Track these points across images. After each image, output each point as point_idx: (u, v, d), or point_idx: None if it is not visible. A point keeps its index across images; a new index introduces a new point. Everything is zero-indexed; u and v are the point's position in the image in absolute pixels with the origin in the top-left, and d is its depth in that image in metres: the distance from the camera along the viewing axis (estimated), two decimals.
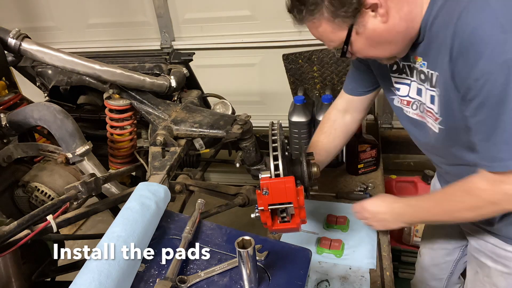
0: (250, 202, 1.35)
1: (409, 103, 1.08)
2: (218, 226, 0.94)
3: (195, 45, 2.45)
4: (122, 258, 0.79)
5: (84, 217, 1.19)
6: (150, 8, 2.49)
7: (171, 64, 1.62)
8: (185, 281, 0.80)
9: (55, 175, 1.42)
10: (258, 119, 1.62)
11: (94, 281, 0.74)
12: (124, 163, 1.53)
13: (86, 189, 1.11)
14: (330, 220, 1.48)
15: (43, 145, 1.42)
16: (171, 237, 0.91)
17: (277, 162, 1.05)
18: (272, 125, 1.18)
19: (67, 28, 2.72)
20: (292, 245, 0.88)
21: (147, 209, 0.91)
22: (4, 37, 1.30)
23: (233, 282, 0.80)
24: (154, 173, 1.22)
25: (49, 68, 1.64)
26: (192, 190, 1.45)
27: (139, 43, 2.56)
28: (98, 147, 1.47)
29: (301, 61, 2.01)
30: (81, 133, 1.34)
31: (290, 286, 0.78)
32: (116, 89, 1.44)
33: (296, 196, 1.04)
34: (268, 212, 1.07)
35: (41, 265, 1.33)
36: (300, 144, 1.81)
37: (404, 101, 1.09)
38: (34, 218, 1.03)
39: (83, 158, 1.33)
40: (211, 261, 0.85)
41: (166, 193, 1.01)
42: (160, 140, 1.28)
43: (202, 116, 1.38)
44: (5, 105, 1.52)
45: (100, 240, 0.84)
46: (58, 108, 1.32)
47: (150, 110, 1.44)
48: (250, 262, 0.74)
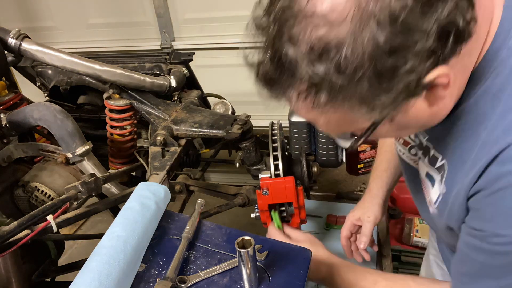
0: (250, 202, 1.35)
1: (407, 144, 0.88)
2: (218, 226, 0.93)
3: (195, 45, 2.45)
4: (122, 258, 0.79)
5: (84, 217, 1.19)
6: (150, 8, 2.48)
7: (171, 64, 1.62)
8: (185, 281, 0.80)
9: (55, 175, 1.42)
10: (258, 119, 1.61)
11: (94, 281, 0.74)
12: (124, 163, 1.53)
13: (86, 189, 1.11)
14: (330, 220, 1.48)
15: (43, 145, 1.42)
16: (171, 237, 0.91)
17: (277, 162, 1.05)
18: (272, 125, 1.18)
19: (67, 28, 2.72)
20: (292, 245, 0.88)
21: (147, 209, 0.91)
22: (4, 37, 1.30)
23: (233, 282, 0.80)
24: (154, 173, 1.22)
25: (49, 68, 1.64)
26: (192, 190, 1.45)
27: (139, 43, 2.56)
28: (98, 147, 1.47)
29: None
30: (81, 133, 1.34)
31: (290, 286, 0.78)
32: (116, 89, 1.44)
33: (296, 196, 1.04)
34: (268, 212, 1.07)
35: (41, 265, 1.33)
36: (300, 144, 1.81)
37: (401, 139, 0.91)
38: (34, 218, 1.03)
39: (83, 158, 1.33)
40: (211, 261, 0.85)
41: (166, 193, 1.01)
42: (160, 140, 1.28)
43: (202, 116, 1.38)
44: (5, 105, 1.52)
45: (100, 240, 0.84)
46: (58, 108, 1.32)
47: (150, 110, 1.44)
48: (250, 262, 0.74)
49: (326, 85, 0.52)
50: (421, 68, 0.52)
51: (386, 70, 0.51)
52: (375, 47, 0.49)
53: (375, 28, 0.49)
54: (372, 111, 0.56)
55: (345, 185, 1.73)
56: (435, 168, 0.76)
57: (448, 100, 0.62)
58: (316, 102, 0.55)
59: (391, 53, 0.50)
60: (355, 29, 0.49)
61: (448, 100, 0.62)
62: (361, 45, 0.49)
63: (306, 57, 0.51)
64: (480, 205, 0.63)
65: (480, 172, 0.61)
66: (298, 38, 0.52)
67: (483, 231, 0.63)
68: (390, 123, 0.61)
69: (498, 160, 0.59)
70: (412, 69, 0.51)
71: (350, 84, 0.52)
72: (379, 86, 0.52)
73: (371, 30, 0.49)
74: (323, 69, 0.51)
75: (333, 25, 0.50)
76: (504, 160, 0.58)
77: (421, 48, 0.50)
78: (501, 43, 0.60)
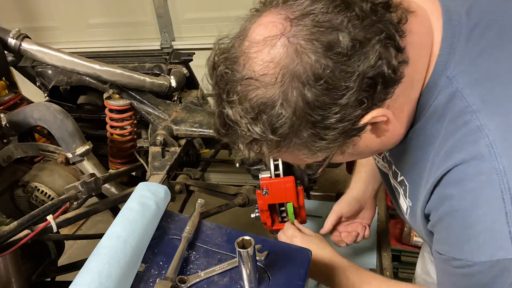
0: (250, 202, 1.35)
1: (380, 153, 0.88)
2: (218, 226, 0.93)
3: (195, 45, 2.45)
4: (122, 258, 0.79)
5: (84, 217, 1.19)
6: (150, 8, 2.48)
7: (171, 64, 1.62)
8: (185, 281, 0.80)
9: (55, 175, 1.42)
10: None
11: (94, 281, 0.74)
12: (124, 163, 1.53)
13: (86, 189, 1.11)
14: None
15: (43, 145, 1.42)
16: (171, 237, 0.91)
17: (277, 162, 1.05)
18: None
19: (67, 28, 2.71)
20: (292, 245, 0.88)
21: (147, 209, 0.91)
22: (4, 37, 1.30)
23: (233, 282, 0.80)
24: (154, 173, 1.22)
25: (49, 68, 1.64)
26: (192, 190, 1.45)
27: (139, 43, 2.56)
28: (98, 147, 1.47)
29: None
30: (81, 133, 1.34)
31: (290, 286, 0.78)
32: (116, 89, 1.44)
33: (296, 196, 1.04)
34: (268, 212, 1.07)
35: (41, 265, 1.33)
36: None
37: None
38: (34, 218, 1.03)
39: (83, 158, 1.33)
40: (211, 261, 0.85)
41: (166, 193, 1.01)
42: (160, 140, 1.28)
43: (202, 116, 1.38)
44: (5, 105, 1.52)
45: (100, 240, 0.84)
46: (58, 108, 1.32)
47: (150, 110, 1.44)
48: (250, 262, 0.74)
49: (265, 141, 0.59)
50: (352, 116, 0.57)
51: (318, 122, 0.56)
52: (305, 104, 0.54)
53: (301, 87, 0.54)
54: (315, 154, 0.61)
55: (345, 185, 1.71)
56: (397, 182, 0.79)
57: (397, 128, 0.65)
58: (262, 152, 0.61)
59: (320, 108, 0.55)
60: (285, 89, 0.54)
61: (398, 128, 0.65)
62: (291, 103, 0.55)
63: (244, 118, 0.57)
64: (436, 228, 0.66)
65: (430, 193, 0.65)
66: (235, 101, 0.57)
67: (443, 255, 0.65)
68: (343, 154, 0.65)
69: (442, 182, 0.62)
70: (342, 119, 0.56)
71: (287, 138, 0.58)
72: (315, 135, 0.58)
73: (299, 89, 0.54)
74: (259, 130, 0.57)
75: (265, 87, 0.55)
76: (446, 184, 0.61)
77: (347, 101, 0.55)
78: (439, 73, 0.62)
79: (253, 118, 0.57)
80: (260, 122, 0.57)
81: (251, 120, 0.57)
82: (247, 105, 0.57)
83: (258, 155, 0.63)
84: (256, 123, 0.57)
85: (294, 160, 0.67)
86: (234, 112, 0.58)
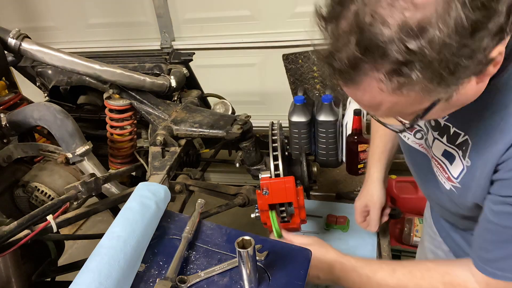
0: (250, 202, 1.35)
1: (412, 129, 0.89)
2: (218, 226, 0.93)
3: (195, 45, 2.45)
4: (122, 258, 0.79)
5: (84, 217, 1.19)
6: (150, 8, 2.49)
7: (171, 64, 1.62)
8: (185, 281, 0.80)
9: (55, 175, 1.42)
10: (258, 119, 1.62)
11: (94, 281, 0.74)
12: (124, 163, 1.53)
13: (86, 189, 1.11)
14: (330, 220, 1.48)
15: (43, 145, 1.42)
16: (171, 237, 0.91)
17: (277, 162, 1.05)
18: (272, 125, 1.18)
19: (67, 28, 2.72)
20: (292, 245, 0.88)
21: (147, 209, 0.91)
22: (4, 37, 1.29)
23: (233, 282, 0.80)
24: (154, 173, 1.22)
25: (49, 68, 1.64)
26: (192, 190, 1.45)
27: (139, 43, 2.56)
28: (98, 147, 1.47)
29: (301, 61, 2.01)
30: (81, 133, 1.34)
31: (290, 286, 0.78)
32: (116, 89, 1.44)
33: (296, 196, 1.04)
34: (268, 212, 1.07)
35: (41, 265, 1.33)
36: (300, 144, 1.81)
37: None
38: (34, 218, 1.02)
39: (83, 158, 1.33)
40: (211, 261, 0.85)
41: (166, 193, 1.01)
42: (160, 140, 1.28)
43: (202, 116, 1.38)
44: (5, 105, 1.52)
45: (100, 240, 0.84)
46: (58, 108, 1.32)
47: (150, 110, 1.44)
48: (250, 262, 0.74)
49: (417, 61, 0.53)
50: (491, 45, 0.55)
51: (466, 48, 0.53)
52: (460, 26, 0.52)
53: (459, 7, 0.51)
54: (448, 87, 0.57)
55: (345, 185, 1.73)
56: (454, 145, 0.79)
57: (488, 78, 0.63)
58: (400, 81, 0.56)
59: (473, 31, 0.52)
60: (441, 9, 0.52)
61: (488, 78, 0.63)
62: (447, 24, 0.52)
63: (398, 36, 0.53)
64: (508, 175, 0.67)
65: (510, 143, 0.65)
66: (387, 20, 0.53)
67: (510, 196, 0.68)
68: (445, 103, 0.62)
69: None
70: (486, 47, 0.55)
71: (439, 60, 0.53)
72: (459, 64, 0.54)
73: (456, 10, 0.51)
74: (415, 46, 0.52)
75: (419, 7, 0.52)
76: None
77: (493, 25, 0.53)
78: None
79: (408, 35, 0.52)
80: (417, 39, 0.52)
81: (406, 36, 0.52)
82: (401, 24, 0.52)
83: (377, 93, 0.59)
84: (412, 39, 0.52)
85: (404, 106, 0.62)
86: (386, 30, 0.53)
